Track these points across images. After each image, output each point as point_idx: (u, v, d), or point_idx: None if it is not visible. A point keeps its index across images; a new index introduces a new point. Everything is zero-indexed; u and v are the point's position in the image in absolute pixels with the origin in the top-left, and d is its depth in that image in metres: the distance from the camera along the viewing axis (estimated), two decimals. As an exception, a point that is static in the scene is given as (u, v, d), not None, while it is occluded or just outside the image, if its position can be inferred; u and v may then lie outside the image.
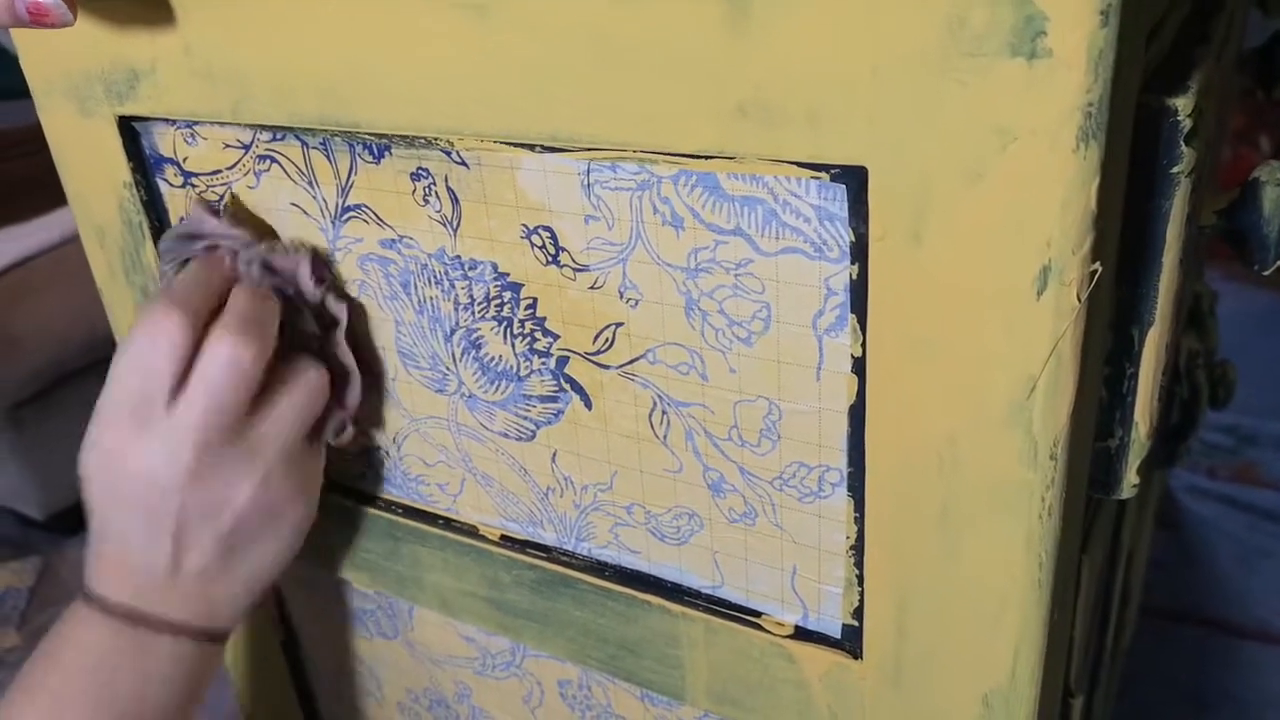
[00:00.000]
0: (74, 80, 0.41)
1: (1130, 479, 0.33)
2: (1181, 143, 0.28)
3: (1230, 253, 0.36)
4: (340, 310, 0.39)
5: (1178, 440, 0.70)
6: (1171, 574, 1.06)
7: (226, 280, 0.39)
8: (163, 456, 0.36)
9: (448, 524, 0.43)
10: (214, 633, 0.40)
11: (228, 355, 0.36)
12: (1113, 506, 0.47)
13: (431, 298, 0.37)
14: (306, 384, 0.39)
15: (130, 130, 0.41)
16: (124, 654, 0.37)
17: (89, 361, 1.32)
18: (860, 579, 0.33)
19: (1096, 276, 0.25)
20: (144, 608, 0.38)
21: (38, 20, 0.33)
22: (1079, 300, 0.25)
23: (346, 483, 0.45)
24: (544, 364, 0.36)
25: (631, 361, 0.34)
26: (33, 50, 0.42)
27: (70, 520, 1.40)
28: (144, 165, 0.42)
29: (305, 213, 0.39)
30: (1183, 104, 0.28)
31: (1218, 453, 1.22)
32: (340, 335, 0.39)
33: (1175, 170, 0.28)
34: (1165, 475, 1.10)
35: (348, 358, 0.40)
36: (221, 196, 0.41)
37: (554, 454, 0.38)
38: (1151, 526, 0.90)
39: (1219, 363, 0.73)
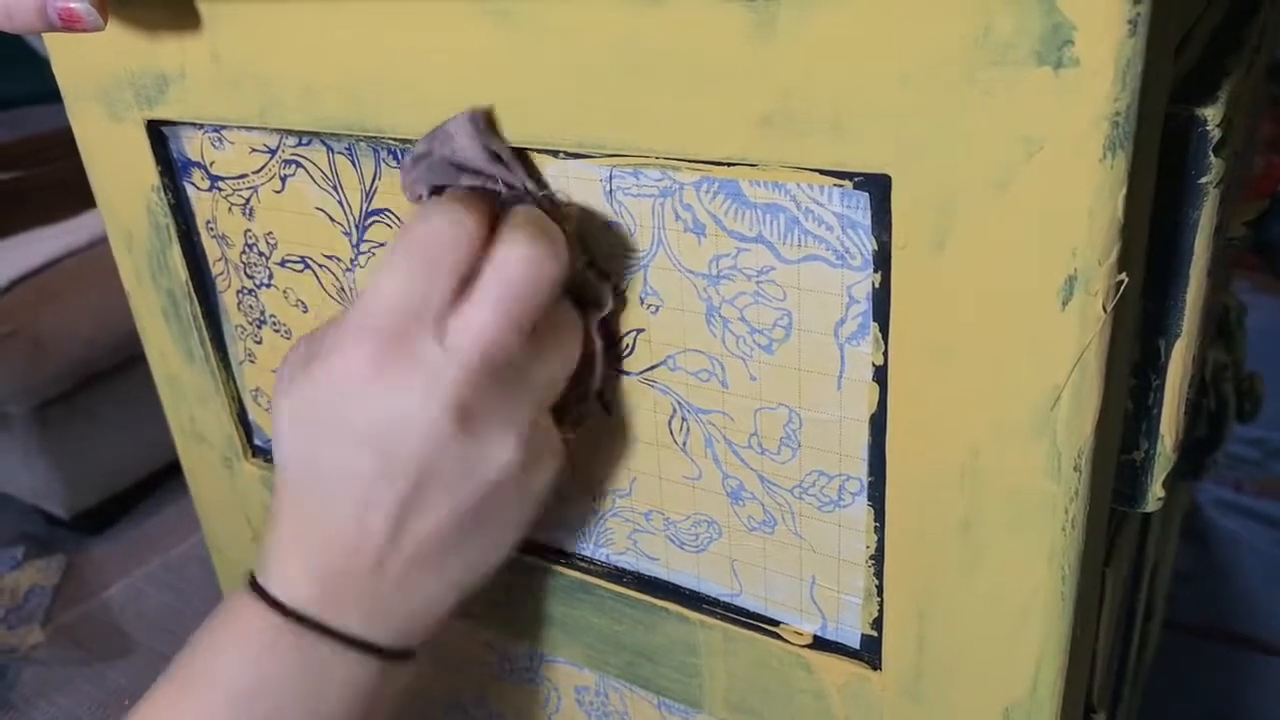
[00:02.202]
0: (104, 85, 0.41)
1: (1155, 492, 0.33)
2: (1210, 153, 0.28)
3: (1259, 264, 0.36)
4: (604, 292, 0.33)
5: (1204, 453, 0.69)
6: (1197, 588, 1.05)
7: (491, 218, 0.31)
8: (419, 393, 0.28)
9: (467, 528, 0.43)
10: (401, 652, 0.32)
11: (527, 255, 0.29)
12: (1137, 519, 0.46)
13: (453, 302, 0.37)
14: (574, 339, 0.32)
15: (159, 134, 0.42)
16: (295, 670, 0.30)
17: (115, 363, 1.34)
18: (880, 589, 0.32)
19: (1123, 287, 0.25)
20: (328, 618, 0.30)
21: (69, 25, 0.33)
22: (1105, 311, 0.25)
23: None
24: (564, 370, 0.36)
25: (652, 368, 0.34)
26: (64, 55, 0.42)
27: (95, 519, 1.42)
28: (172, 169, 0.43)
29: (330, 217, 0.39)
30: (1212, 114, 0.27)
31: (1245, 466, 1.20)
32: (595, 318, 0.33)
33: (1204, 181, 0.28)
34: (1191, 488, 1.09)
35: (596, 342, 0.34)
36: (248, 200, 0.41)
37: (573, 459, 0.38)
38: (1176, 540, 0.89)
39: (1247, 375, 0.72)
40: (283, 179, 0.39)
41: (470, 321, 0.29)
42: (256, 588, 0.31)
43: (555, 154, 0.32)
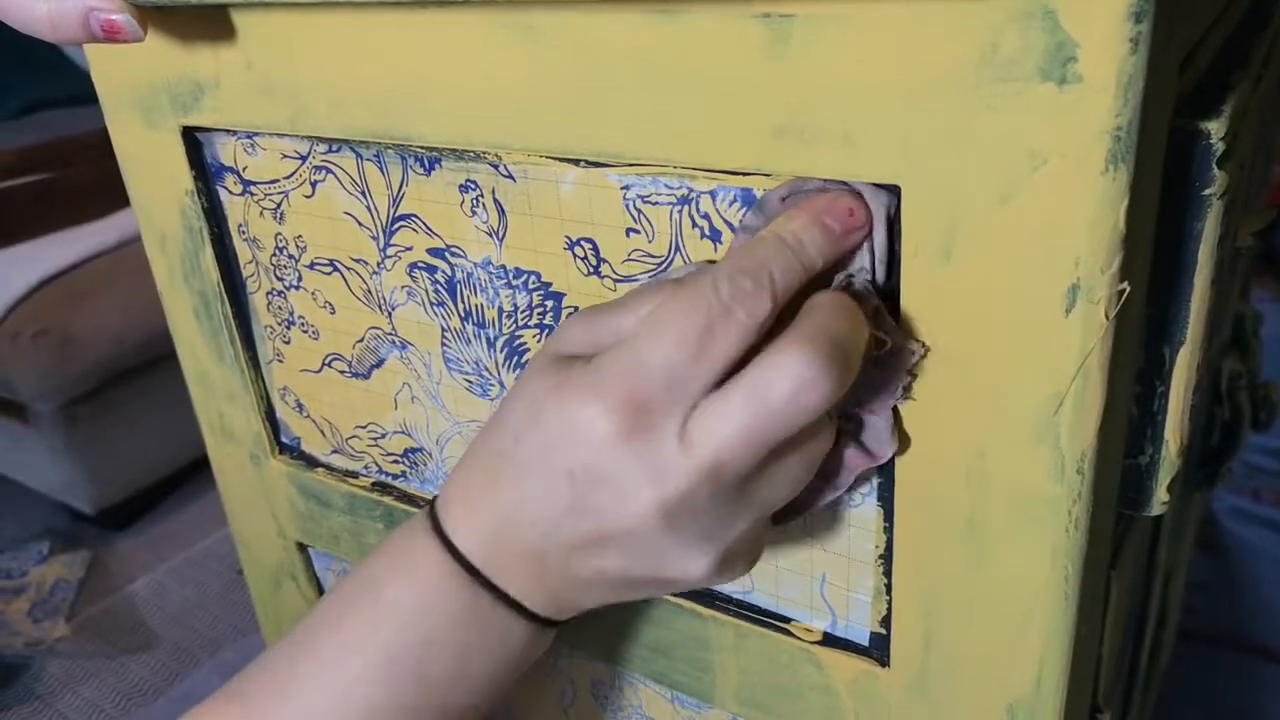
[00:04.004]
0: (141, 93, 0.43)
1: (1160, 496, 0.33)
2: (1214, 166, 0.28)
3: (1272, 273, 0.37)
4: (886, 440, 0.30)
5: (1218, 462, 0.69)
6: (1213, 598, 1.05)
7: (831, 247, 0.28)
8: (639, 479, 0.28)
9: (487, 525, 0.44)
10: (547, 620, 0.33)
11: (798, 377, 0.26)
12: (1146, 525, 0.47)
13: (477, 305, 0.39)
14: (817, 448, 0.30)
15: (193, 140, 0.43)
16: (456, 616, 0.31)
17: (141, 362, 1.36)
18: (888, 588, 0.33)
19: (1125, 295, 0.25)
20: (494, 576, 0.31)
21: (111, 36, 0.35)
22: (1107, 318, 0.26)
23: (387, 480, 0.47)
24: (583, 371, 0.37)
25: (668, 370, 0.35)
26: (104, 64, 0.44)
27: (120, 515, 1.44)
28: (205, 174, 0.44)
29: (358, 221, 0.40)
30: (1215, 128, 0.28)
31: (1262, 475, 1.20)
32: (859, 462, 0.31)
33: (1208, 192, 0.29)
34: (1207, 497, 1.09)
35: (845, 478, 0.31)
36: (279, 204, 0.42)
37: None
38: (1190, 548, 0.89)
39: (1262, 384, 0.72)
40: (313, 184, 0.41)
41: (713, 429, 0.27)
42: (437, 526, 0.31)
43: (576, 163, 0.33)
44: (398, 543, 0.33)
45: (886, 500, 0.32)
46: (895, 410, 0.30)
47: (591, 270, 0.35)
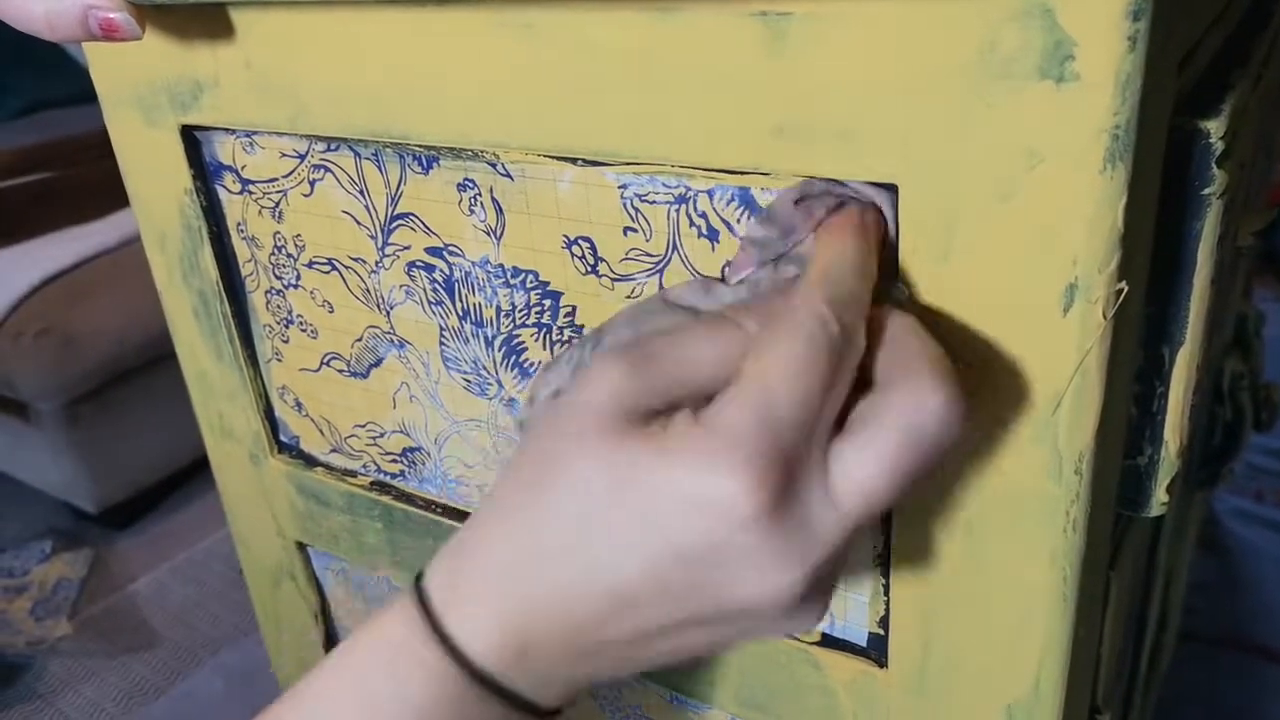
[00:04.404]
0: (140, 91, 0.43)
1: (1159, 497, 0.33)
2: (1213, 165, 0.28)
3: (1273, 272, 0.36)
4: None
5: (1220, 462, 0.69)
6: (1215, 598, 1.05)
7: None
8: (797, 551, 0.24)
9: (485, 525, 0.44)
10: (557, 710, 0.28)
11: (945, 409, 0.24)
12: (1146, 525, 0.47)
13: (475, 304, 0.38)
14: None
15: (192, 139, 0.43)
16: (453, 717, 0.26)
17: (143, 361, 1.36)
18: (886, 589, 0.33)
19: (1123, 295, 0.25)
20: (506, 678, 0.26)
21: (109, 35, 0.35)
22: (1105, 318, 0.25)
23: (385, 479, 0.47)
24: (581, 371, 0.37)
25: (666, 370, 0.35)
26: (103, 63, 0.44)
27: (122, 514, 1.44)
28: (204, 173, 0.44)
29: (356, 220, 0.40)
30: (1215, 127, 0.28)
31: (1265, 476, 1.20)
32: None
33: (1207, 192, 0.29)
34: (1208, 498, 1.09)
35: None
36: (277, 203, 0.42)
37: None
38: (1192, 549, 0.89)
39: (1264, 385, 0.72)
40: (311, 183, 0.41)
41: (864, 477, 0.24)
42: (432, 621, 0.26)
43: (574, 161, 0.33)
44: (389, 653, 0.27)
45: (885, 500, 0.32)
46: None
47: (589, 269, 0.35)
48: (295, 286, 0.44)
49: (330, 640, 0.57)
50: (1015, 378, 0.27)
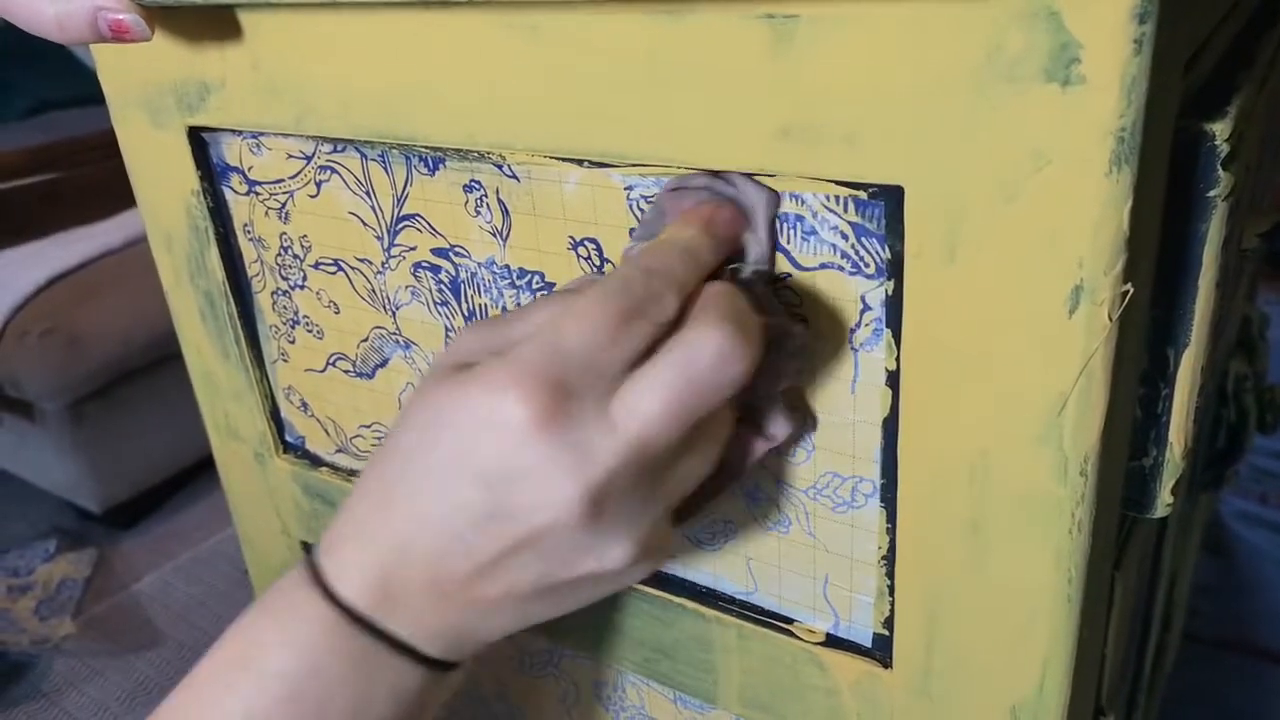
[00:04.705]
0: (148, 92, 0.43)
1: (1164, 498, 0.33)
2: (1219, 167, 0.28)
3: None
4: (781, 423, 0.32)
5: (1224, 464, 0.69)
6: (1220, 601, 1.04)
7: (722, 247, 0.30)
8: (565, 467, 0.26)
9: (490, 525, 0.44)
10: (450, 664, 0.31)
11: (720, 348, 0.27)
12: (1151, 526, 0.47)
13: (481, 305, 0.39)
14: (722, 429, 0.30)
15: (199, 140, 0.43)
16: (343, 665, 0.29)
17: (148, 361, 1.36)
18: (891, 589, 0.33)
19: (1128, 297, 0.25)
20: (381, 618, 0.29)
21: (119, 36, 0.35)
22: (1110, 320, 0.25)
23: (394, 482, 0.47)
24: (587, 371, 0.37)
25: (672, 371, 0.35)
26: (111, 64, 0.44)
27: (126, 514, 1.45)
28: (211, 174, 0.44)
29: (362, 221, 0.40)
30: (1221, 129, 0.28)
31: (1269, 479, 1.20)
32: (760, 445, 0.32)
33: (1212, 194, 0.29)
34: (1214, 500, 1.08)
35: (749, 460, 0.32)
36: (284, 204, 0.43)
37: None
38: (1197, 551, 0.89)
39: (1269, 387, 0.72)
40: (318, 184, 0.41)
41: (637, 404, 0.27)
42: (314, 571, 0.30)
43: (580, 163, 0.33)
44: (273, 603, 0.30)
45: (889, 501, 0.32)
46: (791, 392, 0.32)
47: (595, 270, 0.35)
48: (301, 287, 0.44)
49: (335, 640, 0.57)
50: (1020, 379, 0.27)
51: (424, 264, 0.39)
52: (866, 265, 0.29)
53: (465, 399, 0.27)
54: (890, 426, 0.31)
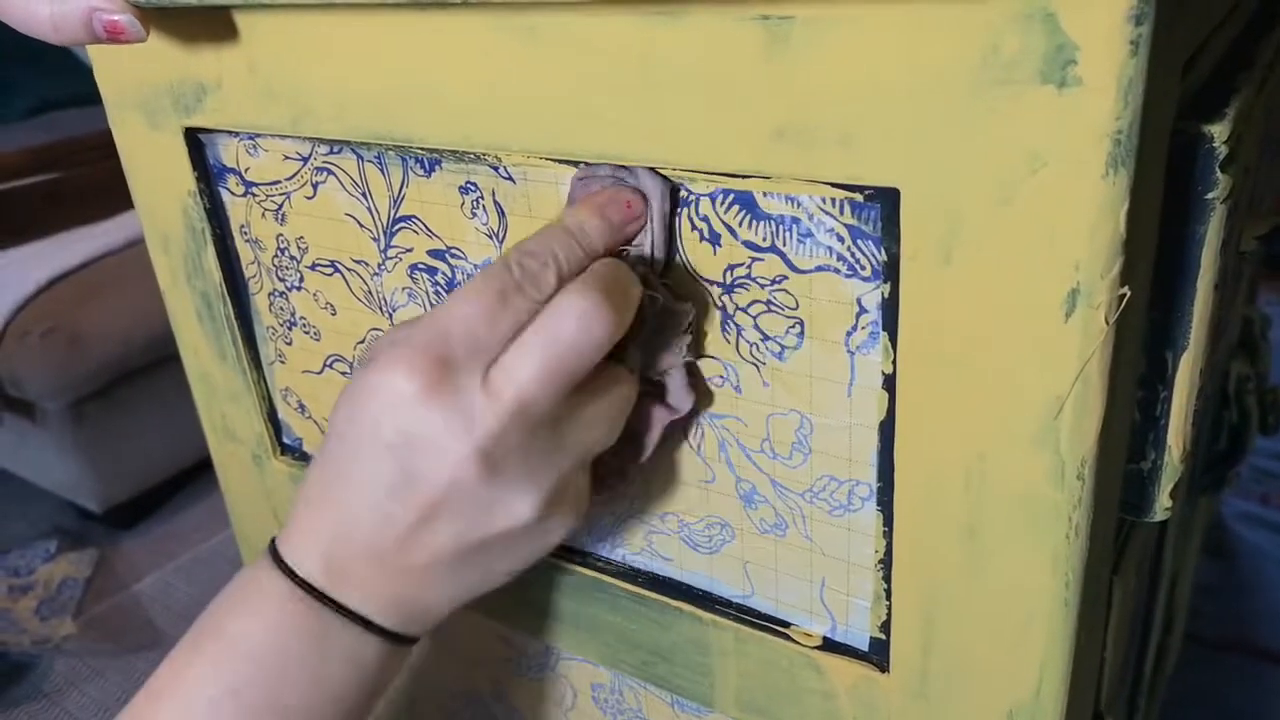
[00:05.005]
0: (144, 94, 0.43)
1: (1163, 502, 0.33)
2: (1217, 169, 0.28)
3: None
4: (684, 396, 0.34)
5: (1225, 466, 0.69)
6: (1222, 602, 1.04)
7: (607, 227, 0.32)
8: (453, 430, 0.29)
9: (487, 527, 0.44)
10: (403, 636, 0.33)
11: (580, 310, 0.30)
12: (1150, 529, 0.46)
13: (477, 307, 0.38)
14: (620, 396, 0.32)
15: (196, 142, 0.43)
16: (302, 636, 0.32)
17: (148, 361, 1.36)
18: (888, 593, 0.33)
19: (1125, 300, 0.25)
20: (334, 592, 0.32)
21: (114, 37, 0.35)
22: (1107, 323, 0.25)
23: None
24: (583, 373, 0.37)
25: (668, 373, 0.35)
26: (107, 65, 0.44)
27: (127, 514, 1.45)
28: (208, 175, 0.44)
29: (359, 223, 0.40)
30: (1219, 131, 0.28)
31: (1270, 480, 1.19)
32: (663, 414, 0.34)
33: (1210, 196, 0.29)
34: (1214, 502, 1.08)
35: (653, 431, 0.34)
36: (280, 205, 0.42)
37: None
38: (1197, 552, 0.89)
39: (1270, 388, 0.72)
40: (314, 185, 0.41)
41: (513, 371, 0.30)
42: (275, 555, 0.33)
43: (576, 164, 0.33)
44: (241, 581, 0.33)
45: (886, 505, 0.32)
46: (690, 367, 0.33)
47: (591, 272, 0.35)
48: (298, 289, 0.44)
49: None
50: (1017, 382, 0.27)
51: (420, 266, 0.39)
52: (862, 268, 0.29)
53: (366, 383, 0.31)
54: (887, 430, 0.31)
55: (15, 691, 1.18)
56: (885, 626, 0.34)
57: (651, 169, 0.31)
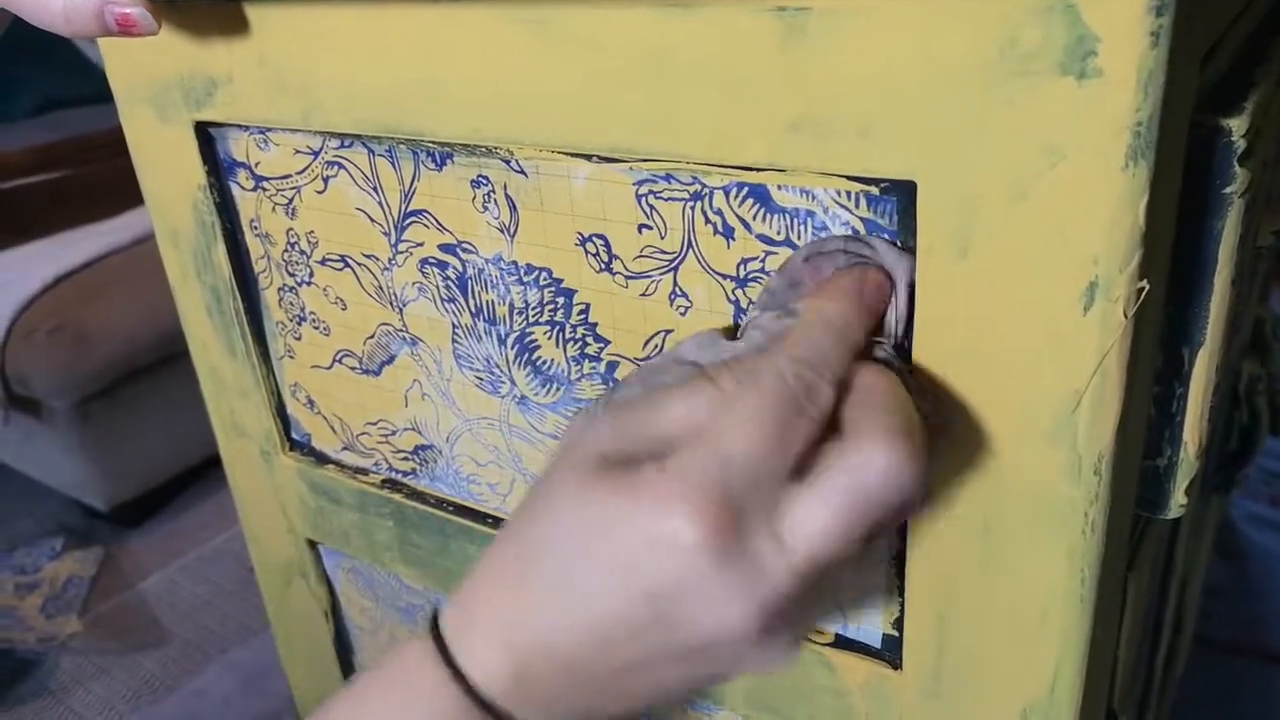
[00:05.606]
0: (155, 88, 0.43)
1: (1178, 499, 0.33)
2: (1235, 163, 0.28)
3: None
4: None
5: (1236, 466, 0.69)
6: (1231, 604, 1.04)
7: (868, 319, 0.28)
8: (740, 591, 0.25)
9: (497, 523, 0.44)
10: None
11: (888, 467, 0.25)
12: (1163, 527, 0.46)
13: (488, 301, 0.38)
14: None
15: (206, 136, 0.43)
16: None
17: (155, 359, 1.36)
18: (901, 589, 0.33)
19: (1144, 294, 0.25)
20: (512, 710, 0.28)
21: (125, 30, 0.35)
22: (1125, 317, 0.25)
23: (397, 477, 0.47)
24: (594, 368, 0.37)
25: (680, 368, 0.35)
26: (118, 59, 0.44)
27: (133, 512, 1.45)
28: (218, 169, 0.44)
29: (370, 217, 0.40)
30: (1237, 124, 0.28)
31: (1280, 481, 1.19)
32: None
33: (1228, 190, 0.28)
34: (1225, 502, 1.08)
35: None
36: (291, 199, 0.42)
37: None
38: (1208, 553, 0.88)
39: (1281, 388, 0.71)
40: (325, 180, 0.41)
41: (807, 524, 0.25)
42: (442, 648, 0.28)
43: (588, 158, 0.33)
44: (400, 670, 0.29)
45: (900, 500, 0.32)
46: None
47: (603, 267, 0.34)
48: (308, 283, 0.44)
49: (340, 638, 0.57)
50: (1034, 376, 0.27)
51: (431, 260, 0.39)
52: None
53: (630, 510, 0.26)
54: (901, 425, 0.30)
55: (21, 689, 1.18)
56: (898, 623, 0.34)
57: (890, 241, 0.29)
